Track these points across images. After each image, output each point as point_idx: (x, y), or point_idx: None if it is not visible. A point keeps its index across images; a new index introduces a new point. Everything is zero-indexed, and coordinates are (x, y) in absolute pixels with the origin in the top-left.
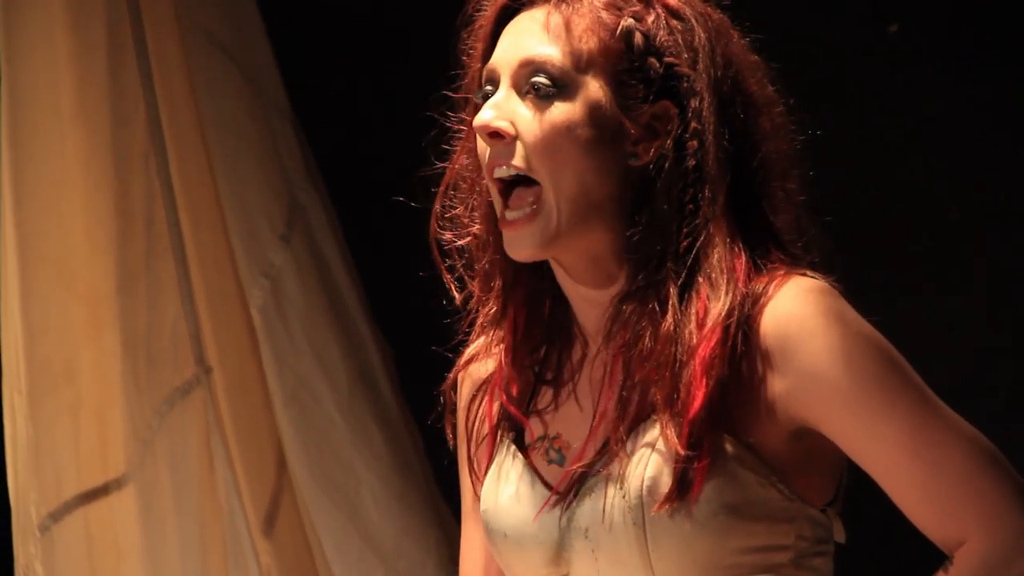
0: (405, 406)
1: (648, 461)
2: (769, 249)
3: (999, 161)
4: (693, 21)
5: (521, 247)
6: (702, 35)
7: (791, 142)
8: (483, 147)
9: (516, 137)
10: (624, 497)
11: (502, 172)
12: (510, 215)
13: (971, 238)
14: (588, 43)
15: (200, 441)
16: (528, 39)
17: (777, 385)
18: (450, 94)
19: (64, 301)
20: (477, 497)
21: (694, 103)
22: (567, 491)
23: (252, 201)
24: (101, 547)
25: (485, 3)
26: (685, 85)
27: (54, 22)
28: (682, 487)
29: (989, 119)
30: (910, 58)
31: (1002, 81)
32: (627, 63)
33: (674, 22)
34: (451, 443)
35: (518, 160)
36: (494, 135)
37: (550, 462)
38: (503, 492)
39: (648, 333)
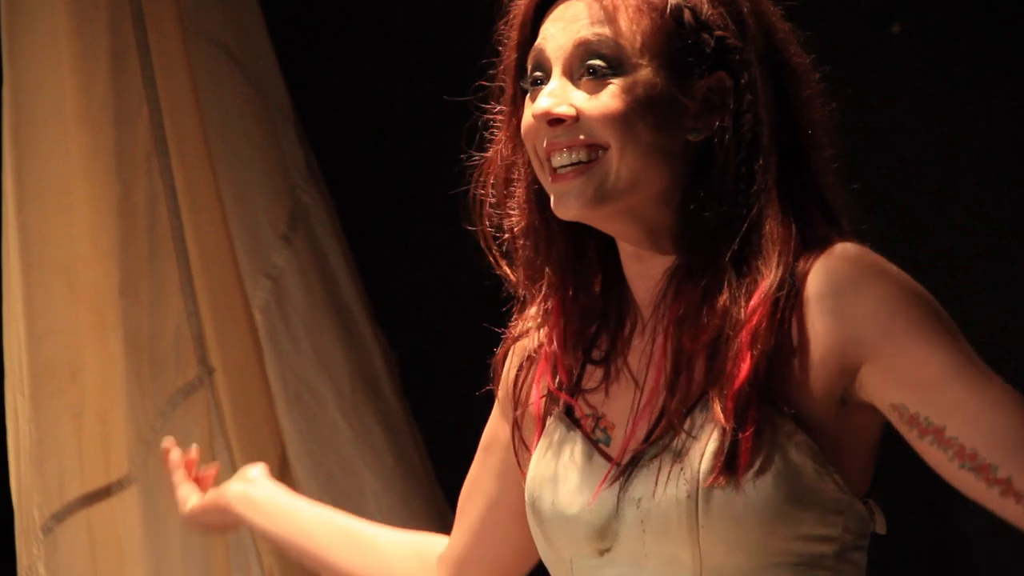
0: (407, 407)
1: (710, 436)
2: (816, 217)
3: (999, 160)
4: None
5: (570, 200)
6: (744, 7)
7: (826, 110)
8: (532, 133)
9: (577, 118)
10: (682, 469)
11: (562, 160)
12: (557, 160)
13: (972, 238)
14: (639, 24)
15: (203, 442)
16: (577, 23)
17: (824, 343)
18: (485, 83)
19: (67, 302)
20: (506, 447)
21: (746, 75)
22: (626, 466)
23: (254, 201)
24: (104, 548)
25: None
26: (737, 58)
27: (57, 24)
28: (729, 460)
29: (989, 119)
30: (910, 58)
31: (1002, 81)
32: (679, 40)
33: None
34: (494, 390)
35: (584, 135)
36: (555, 122)
37: (596, 442)
38: (554, 465)
39: (704, 307)
